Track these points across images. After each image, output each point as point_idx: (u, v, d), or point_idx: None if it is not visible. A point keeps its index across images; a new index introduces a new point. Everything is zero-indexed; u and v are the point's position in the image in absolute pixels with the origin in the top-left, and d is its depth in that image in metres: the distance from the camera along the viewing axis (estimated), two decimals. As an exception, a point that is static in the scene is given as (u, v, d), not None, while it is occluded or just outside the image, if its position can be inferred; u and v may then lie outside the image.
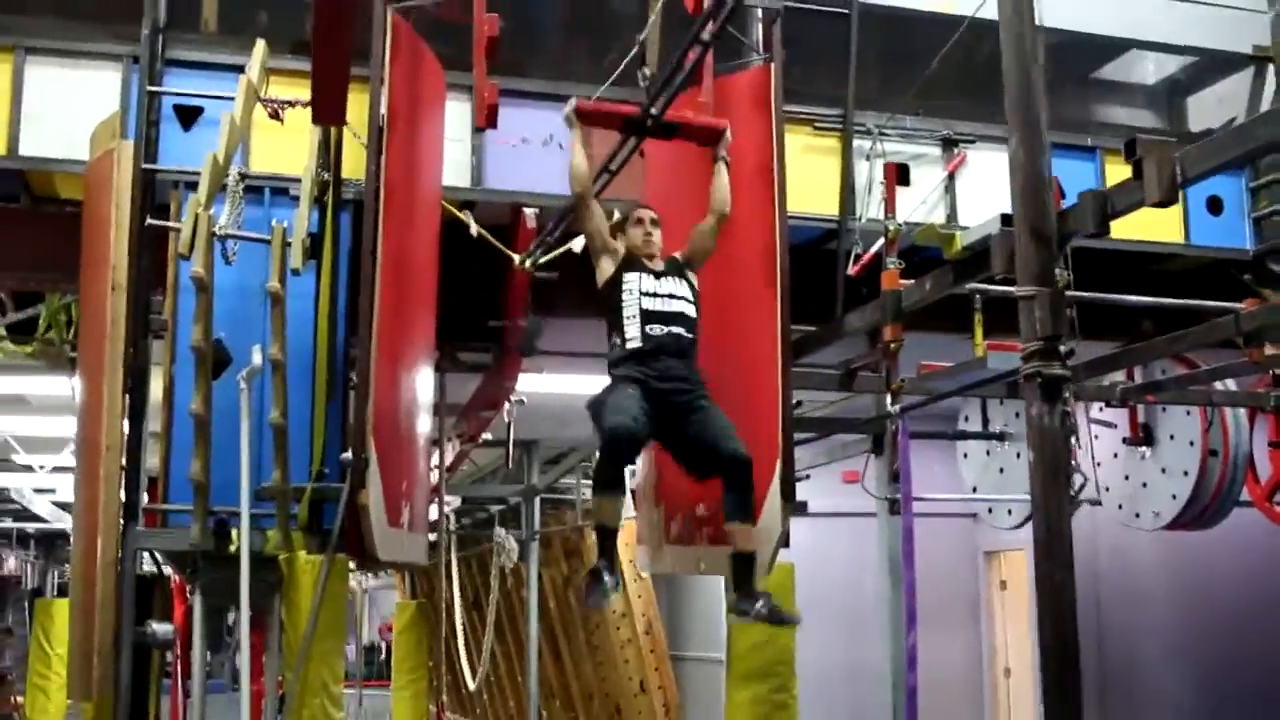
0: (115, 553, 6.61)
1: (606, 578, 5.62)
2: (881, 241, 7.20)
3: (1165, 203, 4.37)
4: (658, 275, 5.91)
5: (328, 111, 6.16)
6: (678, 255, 6.09)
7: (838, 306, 7.85)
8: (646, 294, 5.83)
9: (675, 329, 5.79)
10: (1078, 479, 7.09)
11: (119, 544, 6.68)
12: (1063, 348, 4.78)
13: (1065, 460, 4.81)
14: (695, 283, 6.02)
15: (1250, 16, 9.40)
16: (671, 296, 5.86)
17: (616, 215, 6.30)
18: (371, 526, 5.98)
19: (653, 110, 5.86)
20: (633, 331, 5.78)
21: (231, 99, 6.73)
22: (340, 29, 5.02)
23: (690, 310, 5.90)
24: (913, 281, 6.53)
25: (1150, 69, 10.36)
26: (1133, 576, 13.41)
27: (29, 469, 16.96)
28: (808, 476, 7.33)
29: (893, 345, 6.84)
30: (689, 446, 5.81)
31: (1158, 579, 13.11)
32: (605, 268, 5.99)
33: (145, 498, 7.10)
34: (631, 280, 5.88)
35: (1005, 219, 5.02)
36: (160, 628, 7.19)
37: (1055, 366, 4.67)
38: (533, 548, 14.26)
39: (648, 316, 5.78)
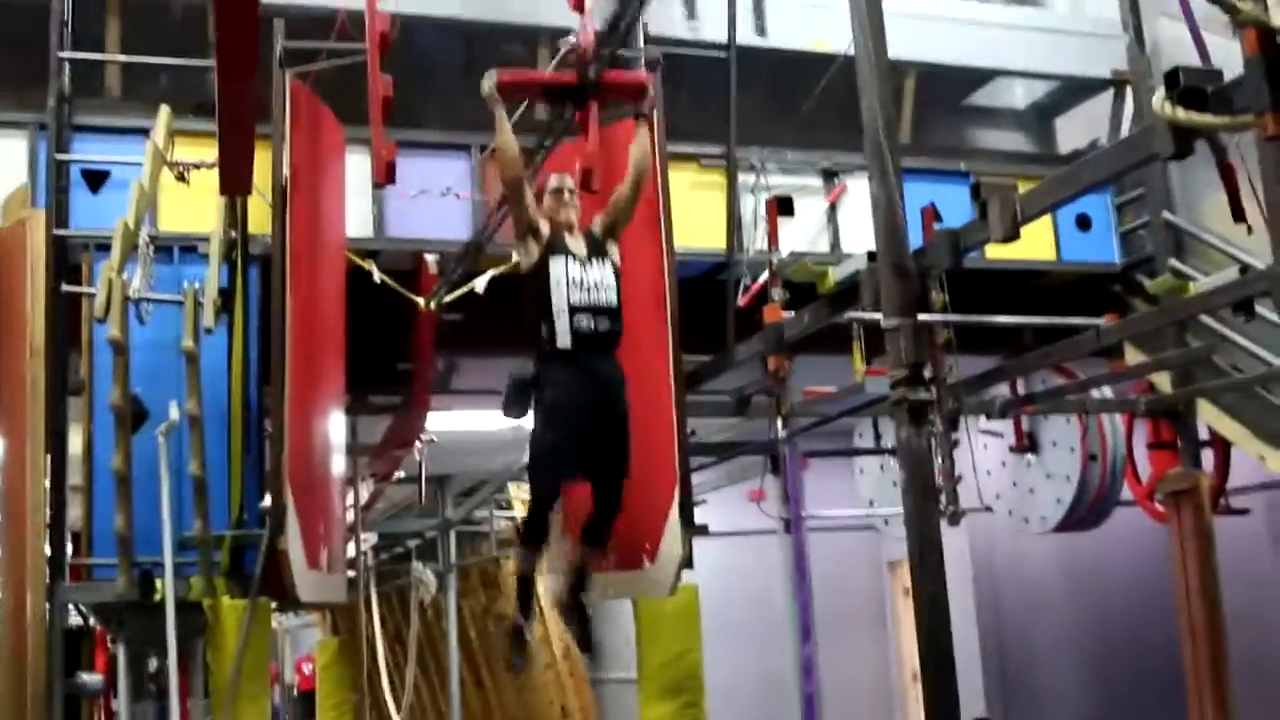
0: (43, 608, 6.80)
1: (527, 635, 5.99)
2: (766, 274, 7.58)
3: (1009, 239, 4.76)
4: (584, 261, 5.85)
5: (234, 184, 6.41)
6: (595, 228, 6.05)
7: (729, 336, 8.23)
8: (574, 284, 5.79)
9: (603, 322, 5.80)
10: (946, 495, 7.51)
11: (47, 599, 6.87)
12: (928, 372, 5.16)
13: (933, 477, 5.18)
14: (617, 260, 6.00)
15: (1109, 42, 9.94)
16: (598, 286, 5.84)
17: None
18: (292, 569, 6.29)
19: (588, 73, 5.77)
20: (561, 325, 5.75)
21: (137, 164, 6.97)
22: (242, 112, 5.27)
23: (615, 298, 5.88)
24: (793, 314, 6.91)
25: (1019, 94, 10.89)
26: (1029, 578, 13.93)
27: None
28: (704, 501, 7.68)
29: (780, 373, 7.21)
30: (592, 457, 5.92)
31: (1052, 579, 13.61)
32: (531, 250, 5.90)
33: (70, 552, 7.32)
34: (558, 268, 5.81)
35: (871, 256, 5.40)
36: (90, 678, 7.42)
37: (920, 391, 5.03)
38: (450, 579, 14.48)
39: (575, 310, 5.76)
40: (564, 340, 5.74)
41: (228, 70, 4.48)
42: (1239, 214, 4.82)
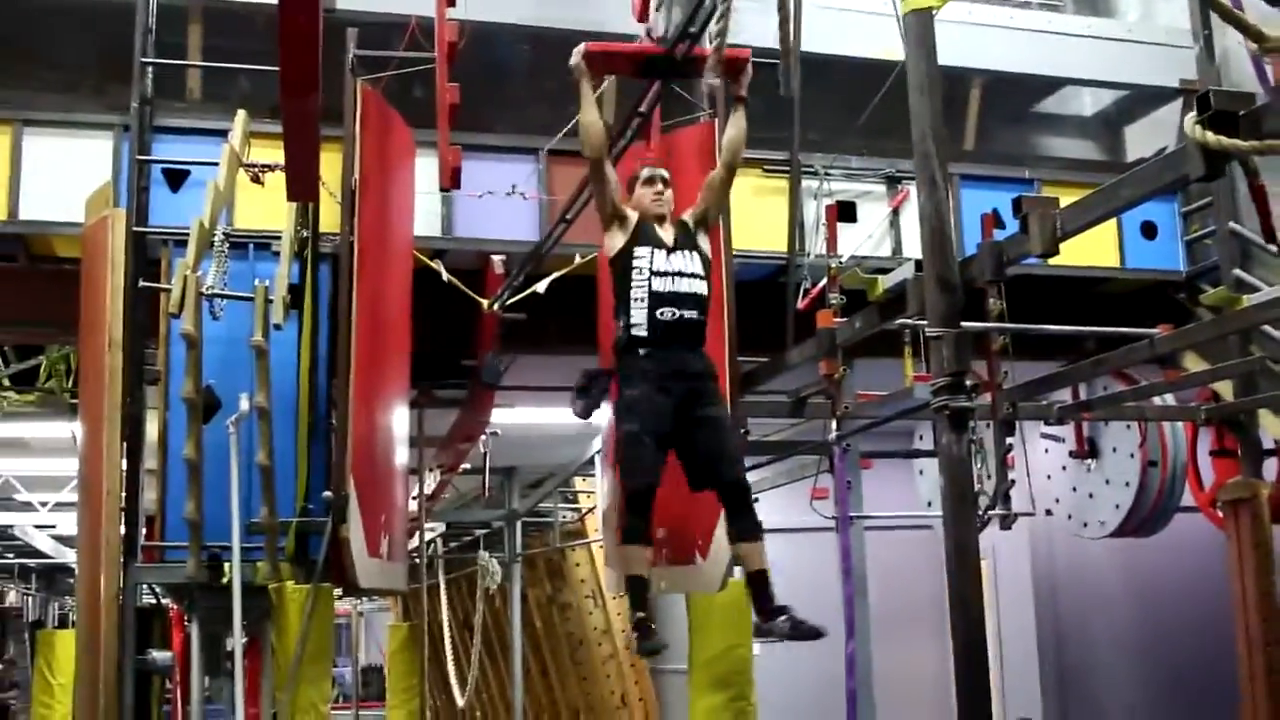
0: (117, 587, 7.12)
1: (652, 626, 5.54)
2: (825, 279, 7.71)
3: (1049, 253, 4.86)
4: (670, 250, 5.62)
5: (300, 191, 6.65)
6: (688, 217, 5.80)
7: (788, 338, 8.37)
8: (658, 273, 5.55)
9: (686, 312, 5.55)
10: (983, 500, 7.59)
11: (120, 579, 7.19)
12: (971, 380, 5.27)
13: (971, 484, 5.29)
14: (708, 251, 5.77)
15: (1179, 52, 9.96)
16: (682, 275, 5.58)
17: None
18: (352, 557, 6.53)
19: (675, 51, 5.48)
20: (639, 317, 5.51)
21: (214, 164, 7.24)
22: (306, 124, 5.49)
23: (703, 288, 5.64)
24: (845, 320, 7.04)
25: (1088, 102, 10.93)
26: (1088, 583, 13.91)
27: (30, 507, 17.46)
28: (756, 499, 7.83)
29: (835, 376, 7.34)
30: (692, 458, 5.68)
31: (1112, 585, 13.59)
32: (615, 238, 5.69)
33: (144, 534, 7.62)
34: (642, 256, 5.57)
35: (918, 265, 5.50)
36: (160, 655, 7.72)
37: (961, 399, 5.14)
38: (515, 569, 14.76)
39: (657, 299, 5.52)
40: (642, 330, 5.51)
41: (291, 86, 4.71)
42: (1270, 234, 4.88)
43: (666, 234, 5.67)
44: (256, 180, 7.35)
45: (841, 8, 9.08)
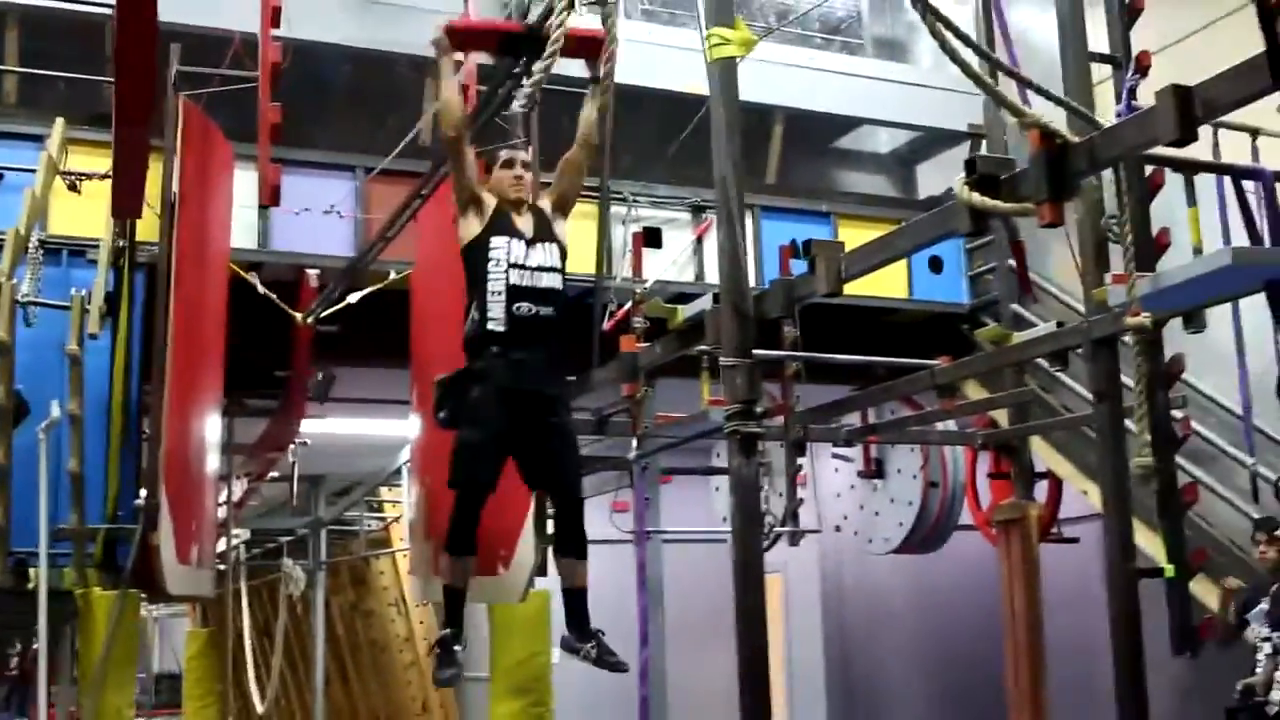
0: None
1: (457, 648, 5.34)
2: (630, 303, 8.06)
3: (834, 293, 5.28)
4: (530, 242, 5.32)
5: (126, 210, 6.73)
6: (545, 204, 5.57)
7: (593, 358, 8.69)
8: (515, 265, 5.24)
9: (543, 309, 5.26)
10: (771, 518, 8.04)
11: (-80, 581, 7.14)
12: (763, 404, 5.66)
13: (759, 502, 5.69)
14: (565, 240, 5.55)
15: (968, 98, 10.58)
16: (541, 269, 5.31)
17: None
18: (163, 563, 6.66)
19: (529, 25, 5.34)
20: (495, 310, 5.18)
21: (30, 171, 7.28)
22: (136, 149, 5.61)
23: (559, 282, 5.40)
24: (647, 345, 7.40)
25: (884, 140, 11.55)
26: (874, 597, 14.57)
27: None
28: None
29: (637, 397, 7.69)
30: (533, 465, 5.47)
31: (897, 598, 14.24)
32: (470, 224, 5.37)
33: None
34: (499, 247, 5.25)
35: (715, 298, 5.87)
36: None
37: (751, 425, 5.53)
38: (320, 577, 14.79)
39: (514, 293, 5.21)
40: (499, 325, 5.18)
41: (125, 115, 4.84)
42: (1026, 287, 5.35)
43: (525, 224, 5.39)
44: (74, 188, 7.41)
45: (654, 43, 9.48)
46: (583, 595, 5.47)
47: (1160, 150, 4.37)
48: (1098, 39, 7.10)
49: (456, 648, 5.35)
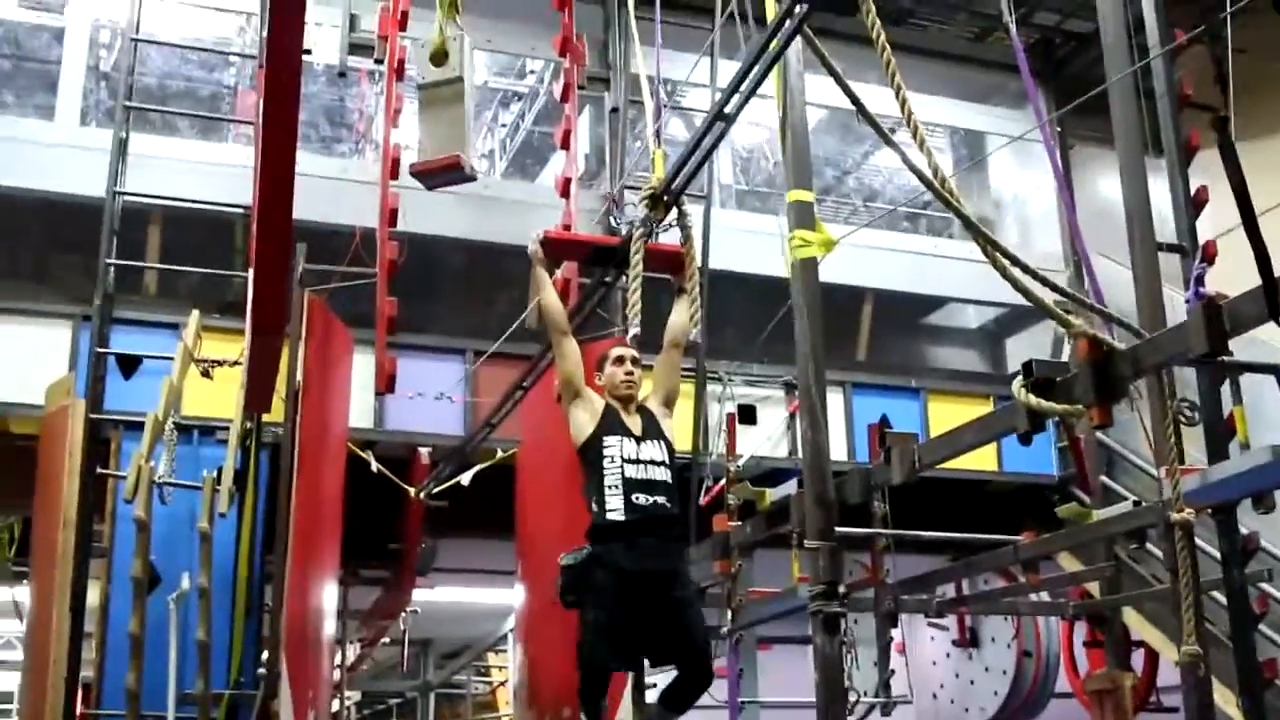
0: (56, 754, 7.52)
1: None
2: (724, 480, 8.42)
3: (907, 481, 5.63)
4: (639, 440, 5.47)
5: (258, 405, 7.27)
6: (651, 405, 5.68)
7: (690, 531, 9.04)
8: (629, 460, 5.39)
9: (660, 499, 5.40)
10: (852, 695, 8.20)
11: (62, 747, 7.58)
12: (854, 576, 5.94)
13: (842, 680, 5.95)
14: (672, 437, 5.65)
15: (1050, 275, 10.92)
16: (653, 463, 5.44)
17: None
18: (282, 730, 7.08)
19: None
20: (615, 502, 5.32)
21: (168, 359, 7.87)
22: (270, 355, 6.06)
23: (669, 478, 5.50)
24: (739, 524, 7.74)
25: (971, 316, 11.90)
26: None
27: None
28: (654, 686, 8.43)
29: (729, 573, 8.00)
30: (663, 641, 5.49)
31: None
32: (581, 421, 5.53)
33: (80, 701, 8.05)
34: (613, 445, 5.41)
35: (799, 483, 6.21)
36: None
37: (834, 605, 5.82)
38: (428, 737, 15.13)
39: (631, 485, 5.34)
40: (620, 515, 5.31)
41: (260, 328, 5.35)
42: (1085, 484, 5.61)
43: (634, 423, 5.53)
44: (206, 375, 7.97)
45: (746, 230, 10.00)
46: None
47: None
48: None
49: None
